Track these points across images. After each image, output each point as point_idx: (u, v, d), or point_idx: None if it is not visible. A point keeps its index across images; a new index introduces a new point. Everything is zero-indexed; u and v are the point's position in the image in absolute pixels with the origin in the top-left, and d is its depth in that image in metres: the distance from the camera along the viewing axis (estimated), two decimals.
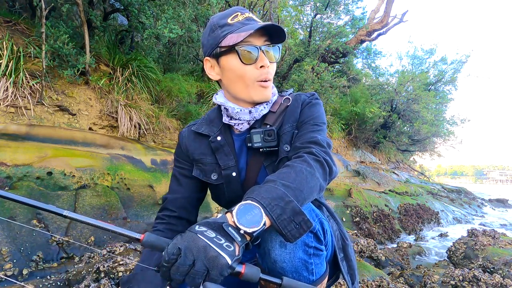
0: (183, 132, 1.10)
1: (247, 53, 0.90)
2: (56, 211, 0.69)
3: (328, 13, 7.47)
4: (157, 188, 2.93)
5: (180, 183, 1.05)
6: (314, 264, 0.76)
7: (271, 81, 0.97)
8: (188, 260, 0.57)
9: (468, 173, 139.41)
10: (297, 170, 0.76)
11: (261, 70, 0.92)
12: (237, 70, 0.93)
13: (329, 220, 0.95)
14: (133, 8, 3.28)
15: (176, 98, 4.36)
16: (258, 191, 0.69)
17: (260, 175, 0.97)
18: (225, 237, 0.61)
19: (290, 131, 0.95)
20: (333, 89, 7.03)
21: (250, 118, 0.98)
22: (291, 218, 0.66)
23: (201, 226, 0.62)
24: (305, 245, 0.75)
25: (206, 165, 1.02)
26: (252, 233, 0.63)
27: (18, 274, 1.82)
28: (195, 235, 0.60)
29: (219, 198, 1.05)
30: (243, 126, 0.99)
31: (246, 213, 0.64)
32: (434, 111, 9.78)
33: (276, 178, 0.73)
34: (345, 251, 0.96)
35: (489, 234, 3.47)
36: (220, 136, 1.01)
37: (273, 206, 0.66)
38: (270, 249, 0.73)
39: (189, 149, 1.05)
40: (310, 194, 0.76)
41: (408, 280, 2.49)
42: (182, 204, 1.02)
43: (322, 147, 0.88)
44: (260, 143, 0.94)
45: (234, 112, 0.97)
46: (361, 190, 5.31)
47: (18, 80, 2.75)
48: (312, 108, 0.99)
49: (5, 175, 2.20)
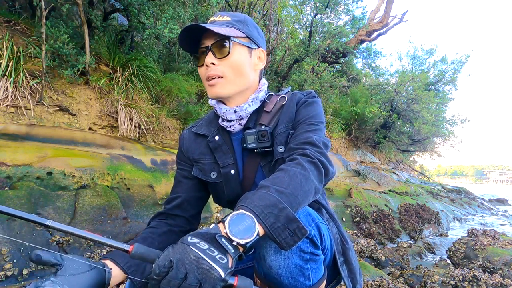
0: (184, 134, 1.12)
1: (200, 55, 0.96)
2: (39, 221, 0.63)
3: (328, 13, 7.48)
4: (157, 188, 2.93)
5: (180, 183, 1.07)
6: (310, 269, 0.76)
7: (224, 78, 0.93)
8: (180, 273, 0.55)
9: (468, 173, 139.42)
10: (291, 174, 0.74)
11: (206, 68, 0.94)
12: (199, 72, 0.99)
13: (329, 223, 0.94)
14: (133, 8, 3.28)
15: (176, 98, 4.36)
16: (251, 199, 0.67)
17: (258, 174, 0.97)
18: (218, 249, 0.59)
19: (285, 131, 0.94)
20: (333, 89, 7.04)
21: (236, 117, 0.97)
22: (285, 225, 0.65)
23: (193, 237, 0.61)
24: (301, 251, 0.74)
25: (205, 164, 1.02)
26: (245, 244, 0.62)
27: (18, 274, 1.82)
28: (187, 247, 0.58)
29: (220, 197, 1.05)
30: (235, 127, 0.99)
31: (238, 224, 0.63)
32: (434, 111, 9.77)
33: (270, 184, 0.72)
34: (345, 254, 0.94)
35: (489, 234, 3.47)
36: (218, 136, 1.01)
37: (266, 214, 0.64)
38: (265, 255, 0.73)
39: (189, 150, 1.07)
40: (305, 198, 0.74)
41: (408, 280, 2.48)
42: (178, 202, 1.03)
43: (317, 148, 0.86)
44: (254, 144, 0.93)
45: (222, 112, 0.98)
46: (361, 190, 5.30)
47: (18, 80, 2.75)
48: (309, 107, 0.97)
49: (5, 175, 2.20)
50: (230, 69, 0.93)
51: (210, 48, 0.92)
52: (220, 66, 0.92)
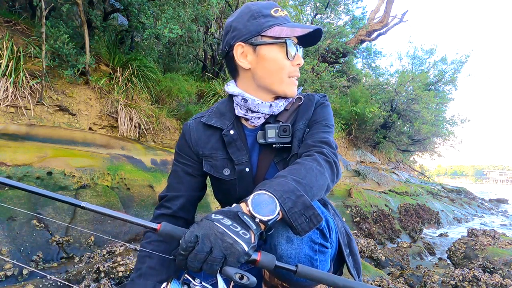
0: (190, 124, 1.04)
1: (292, 49, 0.94)
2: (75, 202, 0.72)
3: (328, 13, 7.48)
4: (157, 188, 2.93)
5: (182, 180, 1.01)
6: (319, 261, 0.77)
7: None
8: (205, 247, 0.58)
9: (468, 173, 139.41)
10: (308, 168, 0.77)
11: (296, 67, 0.96)
12: (279, 62, 0.94)
13: (334, 218, 0.96)
14: (133, 8, 3.28)
15: (176, 98, 4.36)
16: (270, 184, 0.70)
17: (269, 171, 0.96)
18: (241, 225, 0.62)
19: (303, 128, 0.96)
20: (333, 89, 7.03)
21: (269, 112, 0.97)
22: (302, 211, 0.67)
23: (217, 214, 0.63)
24: (311, 241, 0.75)
25: (218, 160, 0.98)
26: (267, 221, 0.64)
27: (18, 274, 1.82)
28: (212, 223, 0.61)
29: (229, 195, 1.00)
30: (260, 120, 0.98)
31: (260, 202, 0.66)
32: (434, 111, 9.76)
33: (287, 174, 0.74)
34: (351, 246, 0.98)
35: (489, 234, 3.47)
36: (233, 130, 0.97)
37: (284, 199, 0.67)
38: (277, 244, 0.74)
39: (198, 142, 1.00)
40: (319, 191, 0.77)
41: (408, 280, 2.48)
42: (182, 203, 0.99)
43: (332, 149, 0.89)
44: (275, 139, 0.94)
45: (255, 103, 0.95)
46: (361, 190, 5.30)
47: (18, 80, 2.75)
48: (324, 109, 1.02)
49: (5, 175, 2.20)
50: None
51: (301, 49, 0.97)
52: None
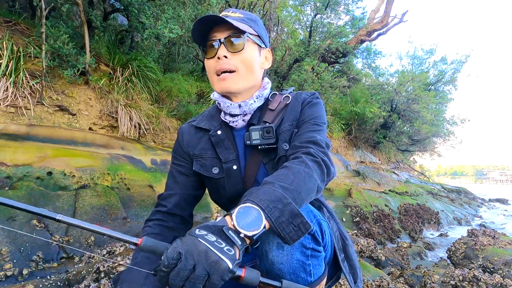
0: (183, 127, 1.10)
1: (209, 47, 0.95)
2: (49, 215, 0.64)
3: (328, 13, 7.48)
4: (157, 188, 2.93)
5: (176, 180, 1.05)
6: (312, 266, 0.76)
7: (237, 73, 0.95)
8: (188, 265, 0.56)
9: (468, 173, 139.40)
10: (295, 172, 0.76)
11: (219, 61, 0.93)
12: (206, 65, 0.98)
13: (329, 221, 0.95)
14: (133, 8, 3.28)
15: (176, 98, 4.36)
16: (256, 193, 0.68)
17: (260, 172, 0.97)
18: (225, 241, 0.60)
19: (290, 129, 0.95)
20: (333, 89, 7.03)
21: (240, 112, 0.98)
22: (289, 220, 0.66)
23: (201, 229, 0.61)
24: (303, 246, 0.74)
25: (207, 160, 1.01)
26: (252, 236, 0.63)
27: (18, 274, 1.82)
28: (195, 239, 0.59)
29: (220, 194, 1.03)
30: (239, 122, 0.99)
31: (245, 216, 0.64)
32: (434, 111, 9.77)
33: (274, 180, 0.73)
34: (346, 251, 0.96)
35: (489, 234, 3.46)
36: (220, 130, 1.01)
37: (271, 209, 0.65)
38: (268, 250, 0.73)
39: (189, 144, 1.05)
40: (308, 195, 0.76)
41: (408, 280, 2.48)
42: (176, 201, 1.02)
43: (321, 147, 0.87)
44: (259, 140, 0.93)
45: (225, 106, 0.98)
46: (361, 190, 5.30)
47: (18, 80, 2.75)
48: (313, 108, 0.99)
49: (5, 175, 2.20)
50: (242, 64, 0.94)
51: (223, 41, 0.92)
52: (233, 60, 0.93)
